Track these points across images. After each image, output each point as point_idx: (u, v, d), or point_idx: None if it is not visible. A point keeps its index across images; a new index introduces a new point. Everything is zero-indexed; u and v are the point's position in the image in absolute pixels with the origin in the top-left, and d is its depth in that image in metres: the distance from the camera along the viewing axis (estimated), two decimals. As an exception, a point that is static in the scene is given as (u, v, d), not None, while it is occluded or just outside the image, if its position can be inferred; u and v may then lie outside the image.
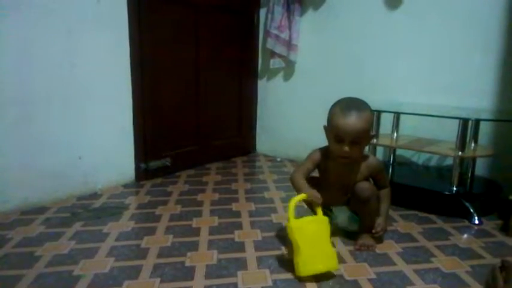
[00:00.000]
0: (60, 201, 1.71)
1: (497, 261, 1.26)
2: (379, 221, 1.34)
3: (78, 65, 1.72)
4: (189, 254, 1.28)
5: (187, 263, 1.22)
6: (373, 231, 1.33)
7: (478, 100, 1.85)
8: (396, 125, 1.94)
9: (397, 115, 1.92)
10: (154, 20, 1.96)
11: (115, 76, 1.87)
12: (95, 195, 1.81)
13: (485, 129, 1.79)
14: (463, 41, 1.89)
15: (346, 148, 1.23)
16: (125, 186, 1.96)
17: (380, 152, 2.17)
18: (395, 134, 1.95)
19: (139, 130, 1.99)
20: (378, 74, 2.16)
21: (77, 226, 1.48)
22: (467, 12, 1.86)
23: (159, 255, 1.26)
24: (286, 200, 1.81)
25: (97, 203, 1.72)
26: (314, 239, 1.14)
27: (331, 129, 1.26)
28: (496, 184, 1.73)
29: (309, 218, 1.19)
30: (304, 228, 1.15)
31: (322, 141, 1.34)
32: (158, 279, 1.12)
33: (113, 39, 1.84)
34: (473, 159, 1.74)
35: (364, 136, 1.25)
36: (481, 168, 1.85)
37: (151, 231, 1.44)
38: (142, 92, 1.97)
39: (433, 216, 1.64)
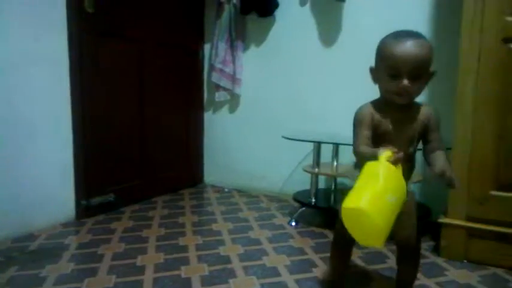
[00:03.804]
0: (-8, 245, 1.61)
1: (430, 282, 1.35)
2: (446, 169, 0.98)
3: (16, 103, 1.67)
4: (133, 294, 1.25)
5: (131, 304, 1.19)
6: (447, 181, 0.98)
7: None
8: (336, 154, 2.05)
9: (336, 146, 2.03)
10: (97, 55, 1.96)
11: (55, 112, 1.82)
12: (31, 237, 1.71)
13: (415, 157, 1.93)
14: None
15: (406, 82, 0.97)
16: (65, 225, 1.87)
17: (322, 181, 2.26)
18: (335, 163, 2.06)
19: (80, 165, 1.93)
20: (317, 107, 2.29)
21: (12, 271, 1.39)
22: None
23: (101, 298, 1.22)
24: (234, 232, 1.82)
25: (34, 245, 1.63)
26: (390, 190, 0.90)
27: (384, 62, 1.00)
28: (426, 207, 1.86)
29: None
30: (391, 175, 0.90)
31: (267, 170, 1.37)
32: (100, 324, 1.08)
33: (53, 75, 1.80)
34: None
35: (426, 69, 1.00)
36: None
37: (93, 273, 1.39)
38: (84, 127, 1.93)
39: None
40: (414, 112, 1.06)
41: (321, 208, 2.04)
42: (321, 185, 2.23)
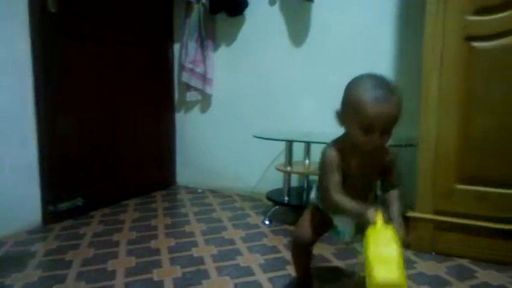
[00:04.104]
0: (-48, 255, 1.53)
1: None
2: (397, 228, 0.99)
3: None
4: (103, 300, 1.22)
5: (102, 310, 1.16)
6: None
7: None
8: (307, 152, 2.07)
9: (308, 144, 2.05)
10: (62, 55, 1.90)
11: (17, 115, 1.76)
12: (-6, 245, 1.65)
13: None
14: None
15: (377, 139, 0.97)
16: (31, 231, 1.80)
17: (295, 179, 2.28)
18: (307, 161, 2.08)
19: (46, 170, 1.87)
20: (288, 106, 2.30)
21: (-27, 282, 1.33)
22: (363, 50, 2.07)
23: (70, 305, 1.18)
24: (207, 233, 1.81)
25: (-3, 253, 1.57)
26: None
27: (357, 118, 0.97)
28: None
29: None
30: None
31: (240, 169, 1.37)
32: (68, 332, 1.05)
33: (15, 76, 1.74)
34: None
35: (397, 122, 0.98)
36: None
37: (61, 279, 1.35)
38: (50, 130, 1.87)
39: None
40: (378, 155, 1.08)
41: (294, 206, 2.05)
42: (294, 183, 2.25)
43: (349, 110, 1.00)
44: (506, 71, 1.41)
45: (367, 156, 1.04)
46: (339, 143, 1.07)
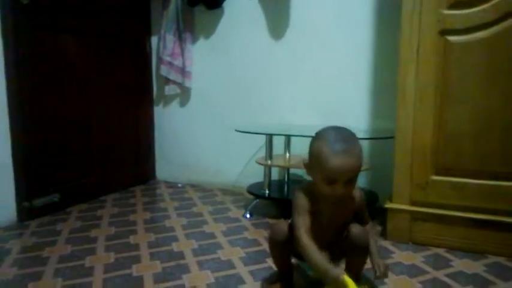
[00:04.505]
0: None
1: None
2: (377, 261, 1.12)
3: None
4: (81, 296, 1.20)
5: (79, 307, 1.14)
6: (377, 274, 1.10)
7: (356, 120, 2.08)
8: (288, 146, 2.08)
9: (288, 137, 2.06)
10: (35, 48, 1.85)
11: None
12: (-34, 243, 1.60)
13: (362, 146, 2.01)
14: (338, 68, 2.11)
15: (341, 190, 1.03)
16: (6, 228, 1.75)
17: (275, 172, 2.29)
18: (287, 155, 2.08)
19: (20, 165, 1.82)
20: (267, 98, 2.30)
21: None
22: (342, 42, 2.09)
23: (46, 303, 1.16)
24: (187, 227, 1.80)
25: (-31, 252, 1.52)
26: None
27: (321, 171, 1.03)
28: (373, 194, 1.94)
29: None
30: None
31: (220, 163, 1.36)
32: (45, 330, 1.03)
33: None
34: (355, 174, 1.93)
35: (359, 171, 1.05)
36: (360, 180, 2.06)
37: (37, 277, 1.32)
38: (23, 124, 1.81)
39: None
40: (346, 202, 1.12)
41: (275, 199, 2.06)
42: (274, 176, 2.25)
43: (314, 161, 1.06)
44: (480, 65, 1.44)
45: (336, 203, 1.09)
46: (309, 189, 1.11)
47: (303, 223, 1.06)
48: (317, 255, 1.00)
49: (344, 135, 1.05)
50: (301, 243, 1.03)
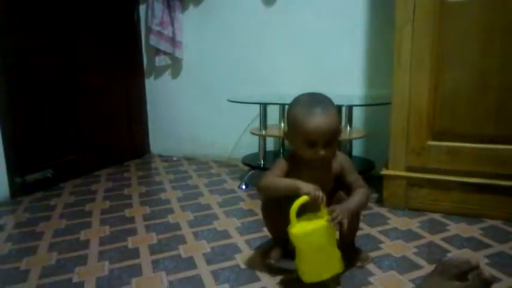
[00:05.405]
0: None
1: (374, 230, 1.41)
2: (337, 206, 1.02)
3: None
4: (76, 269, 1.19)
5: (75, 279, 1.13)
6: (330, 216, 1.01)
7: (351, 88, 2.04)
8: (283, 115, 2.05)
9: (283, 106, 2.02)
10: (21, 20, 1.78)
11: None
12: (-41, 220, 1.58)
13: (358, 114, 1.99)
14: (333, 35, 2.06)
15: (322, 152, 1.04)
16: (-1, 205, 1.75)
17: (270, 143, 2.27)
18: (282, 125, 2.05)
19: (11, 141, 1.78)
20: (262, 68, 2.25)
21: None
22: (337, 7, 2.02)
23: (42, 276, 1.15)
24: (183, 199, 1.79)
25: (-37, 229, 1.51)
26: (320, 247, 1.01)
27: (299, 134, 1.05)
28: (370, 162, 1.93)
29: (315, 223, 1.00)
30: (309, 236, 1.00)
31: (215, 136, 1.34)
32: (41, 303, 1.02)
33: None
34: (350, 141, 1.92)
35: (338, 133, 1.08)
36: (357, 148, 2.05)
37: (32, 251, 1.31)
38: (12, 100, 1.77)
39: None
40: (328, 166, 1.13)
41: (270, 169, 2.04)
42: (270, 147, 2.23)
43: (292, 127, 1.09)
44: (476, 25, 1.40)
45: (317, 168, 1.10)
46: (290, 157, 1.13)
47: (270, 173, 1.10)
48: (285, 180, 1.06)
49: (318, 98, 1.09)
50: (267, 181, 1.08)
